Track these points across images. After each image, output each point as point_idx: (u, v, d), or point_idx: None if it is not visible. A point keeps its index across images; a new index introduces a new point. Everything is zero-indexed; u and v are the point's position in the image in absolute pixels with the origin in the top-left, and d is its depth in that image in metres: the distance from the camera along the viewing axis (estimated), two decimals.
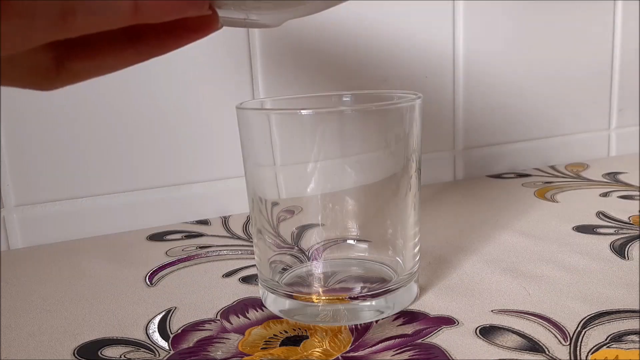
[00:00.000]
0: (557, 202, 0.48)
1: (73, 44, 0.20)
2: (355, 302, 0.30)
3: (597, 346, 0.26)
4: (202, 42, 0.50)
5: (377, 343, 0.27)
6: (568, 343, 0.26)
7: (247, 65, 0.48)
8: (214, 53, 0.47)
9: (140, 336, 0.29)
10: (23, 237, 0.44)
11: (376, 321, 0.29)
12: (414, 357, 0.26)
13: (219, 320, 0.30)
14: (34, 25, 0.16)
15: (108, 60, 0.21)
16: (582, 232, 0.41)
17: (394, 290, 0.30)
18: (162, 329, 0.30)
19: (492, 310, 0.30)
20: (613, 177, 0.56)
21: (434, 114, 0.56)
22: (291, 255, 0.32)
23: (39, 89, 0.21)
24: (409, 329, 0.28)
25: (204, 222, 0.47)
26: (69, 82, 0.21)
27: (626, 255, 0.36)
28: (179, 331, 0.29)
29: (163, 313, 0.31)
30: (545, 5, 0.58)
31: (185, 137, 0.47)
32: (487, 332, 0.28)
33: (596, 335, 0.27)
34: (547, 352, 0.26)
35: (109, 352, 0.28)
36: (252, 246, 0.40)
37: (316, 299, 0.30)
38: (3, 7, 0.16)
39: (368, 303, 0.30)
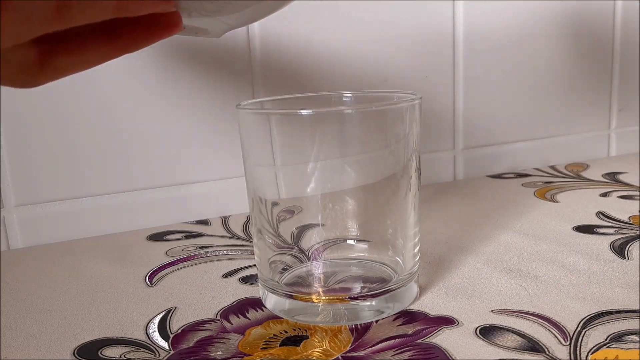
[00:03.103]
0: (557, 202, 0.48)
1: (56, 40, 0.22)
2: (355, 302, 0.30)
3: (597, 346, 0.26)
4: (202, 41, 0.50)
5: (377, 343, 0.27)
6: (568, 343, 0.26)
7: (247, 65, 0.48)
8: (214, 53, 0.47)
9: (140, 336, 0.29)
10: (23, 237, 0.44)
11: (376, 321, 0.29)
12: (414, 357, 0.26)
13: (219, 320, 0.30)
14: (32, 18, 0.18)
15: (87, 55, 0.23)
16: (582, 232, 0.41)
17: (394, 290, 0.30)
18: (162, 329, 0.30)
19: (492, 310, 0.30)
20: (613, 177, 0.56)
21: (434, 114, 0.56)
22: (291, 255, 0.32)
23: (23, 87, 0.22)
24: (409, 329, 0.28)
25: (204, 222, 0.47)
26: (52, 78, 0.23)
27: (626, 255, 0.36)
28: (179, 331, 0.29)
29: (163, 313, 0.31)
30: (546, 5, 0.58)
31: (186, 137, 0.47)
32: (487, 332, 0.28)
33: (596, 335, 0.27)
34: (547, 352, 0.26)
35: (109, 352, 0.28)
36: (252, 246, 0.40)
37: (316, 299, 0.30)
38: (2, 1, 0.17)
39: (368, 303, 0.30)
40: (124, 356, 0.27)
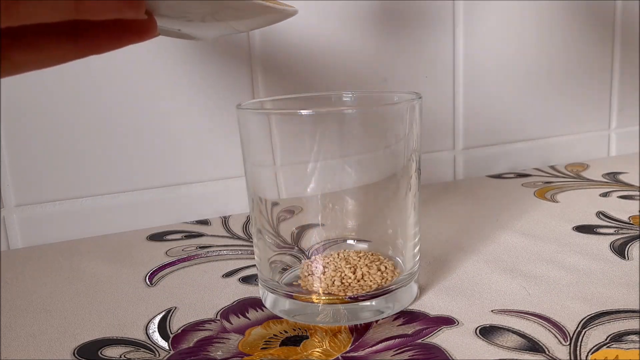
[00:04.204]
0: (557, 202, 0.48)
1: (15, 35, 0.21)
2: (355, 302, 0.30)
3: (597, 346, 0.26)
4: (202, 41, 0.50)
5: (377, 343, 0.27)
6: (568, 343, 0.26)
7: (247, 65, 0.48)
8: (214, 53, 0.47)
9: (140, 336, 0.29)
10: (23, 237, 0.44)
11: (376, 321, 0.29)
12: (414, 357, 0.26)
13: (219, 320, 0.30)
14: None
15: (48, 53, 0.22)
16: (582, 232, 0.41)
17: (394, 290, 0.30)
18: (162, 329, 0.30)
19: (492, 310, 0.30)
20: (613, 177, 0.56)
21: (434, 114, 0.56)
22: (291, 255, 0.32)
23: None
24: (409, 329, 0.28)
25: (204, 222, 0.47)
26: (11, 73, 0.22)
27: (626, 255, 0.36)
28: (179, 331, 0.29)
29: (163, 313, 0.31)
30: (545, 5, 0.58)
31: (185, 137, 0.47)
32: (487, 332, 0.28)
33: (596, 335, 0.27)
34: (547, 352, 0.26)
35: (109, 352, 0.28)
36: (252, 246, 0.40)
37: (316, 299, 0.30)
38: None
39: (368, 303, 0.30)
40: (124, 356, 0.27)
